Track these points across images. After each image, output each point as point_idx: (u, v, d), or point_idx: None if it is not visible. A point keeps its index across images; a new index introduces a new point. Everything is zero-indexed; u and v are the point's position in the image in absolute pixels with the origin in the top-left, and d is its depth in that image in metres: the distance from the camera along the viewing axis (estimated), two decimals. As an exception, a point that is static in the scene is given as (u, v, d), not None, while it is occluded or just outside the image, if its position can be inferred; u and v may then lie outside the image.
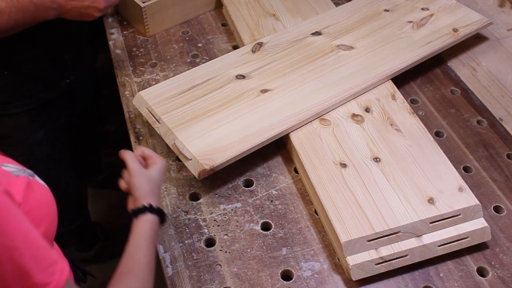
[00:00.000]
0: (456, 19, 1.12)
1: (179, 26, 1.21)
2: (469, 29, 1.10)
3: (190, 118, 0.91)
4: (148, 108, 0.93)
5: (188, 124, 0.90)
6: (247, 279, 0.77)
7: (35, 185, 0.64)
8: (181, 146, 0.86)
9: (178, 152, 0.87)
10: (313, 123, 0.93)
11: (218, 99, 0.94)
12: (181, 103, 0.94)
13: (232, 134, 0.88)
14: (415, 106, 1.03)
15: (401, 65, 1.01)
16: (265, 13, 1.17)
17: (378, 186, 0.83)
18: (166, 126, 0.90)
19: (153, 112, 0.92)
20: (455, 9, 1.15)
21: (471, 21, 1.12)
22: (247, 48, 1.05)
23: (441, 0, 1.17)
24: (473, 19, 1.12)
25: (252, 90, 0.96)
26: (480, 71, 1.10)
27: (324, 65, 1.01)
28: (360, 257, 0.76)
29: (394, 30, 1.09)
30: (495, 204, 0.87)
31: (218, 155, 0.85)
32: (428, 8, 1.15)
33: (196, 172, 0.84)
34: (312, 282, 0.77)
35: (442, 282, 0.77)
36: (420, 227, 0.78)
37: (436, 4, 1.16)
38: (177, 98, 0.94)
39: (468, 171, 0.92)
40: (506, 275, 0.78)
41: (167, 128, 0.89)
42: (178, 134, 0.88)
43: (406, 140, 0.89)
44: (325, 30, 1.09)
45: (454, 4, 1.16)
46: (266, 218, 0.85)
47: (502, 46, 1.15)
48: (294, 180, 0.90)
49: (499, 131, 0.98)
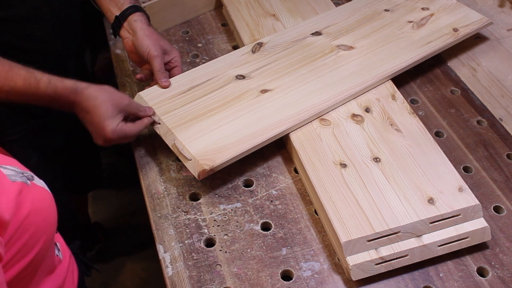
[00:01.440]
0: (456, 19, 1.12)
1: (179, 26, 1.21)
2: (469, 28, 1.10)
3: (190, 118, 0.91)
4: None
5: (188, 124, 0.90)
6: (247, 279, 0.77)
7: (32, 189, 0.63)
8: (181, 147, 0.86)
9: (178, 153, 0.87)
10: (313, 123, 0.93)
11: (218, 99, 0.94)
12: (181, 103, 0.94)
13: (232, 135, 0.88)
14: (415, 106, 1.03)
15: (401, 65, 1.01)
16: (265, 13, 1.17)
17: (378, 186, 0.83)
18: (166, 127, 0.90)
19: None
20: (455, 9, 1.15)
21: (471, 21, 1.12)
22: (247, 48, 1.05)
23: (441, 0, 1.17)
24: (473, 18, 1.12)
25: (252, 91, 0.96)
26: (480, 71, 1.10)
27: (324, 65, 1.01)
28: (360, 257, 0.76)
29: (394, 30, 1.09)
30: (495, 204, 0.87)
31: (218, 156, 0.85)
32: (428, 8, 1.15)
33: (196, 173, 0.84)
34: (312, 282, 0.77)
35: (442, 282, 0.77)
36: (420, 227, 0.78)
37: (436, 4, 1.16)
38: (177, 99, 0.94)
39: (468, 171, 0.92)
40: (506, 275, 0.78)
41: (167, 129, 0.89)
42: (178, 134, 0.88)
43: (406, 140, 0.89)
44: (325, 30, 1.09)
45: (454, 4, 1.16)
46: (266, 218, 0.85)
47: (502, 46, 1.15)
48: (294, 180, 0.90)
49: (499, 131, 0.98)
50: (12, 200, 0.58)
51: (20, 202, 0.59)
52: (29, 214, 0.59)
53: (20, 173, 0.63)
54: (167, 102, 0.93)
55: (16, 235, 0.58)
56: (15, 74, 0.81)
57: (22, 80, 0.81)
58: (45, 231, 0.63)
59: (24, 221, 0.58)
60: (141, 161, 0.93)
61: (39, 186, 0.65)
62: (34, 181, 0.65)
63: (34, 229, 0.60)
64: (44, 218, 0.63)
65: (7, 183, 0.59)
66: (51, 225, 0.65)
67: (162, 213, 0.85)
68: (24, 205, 0.59)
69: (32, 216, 0.60)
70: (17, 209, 0.58)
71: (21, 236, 0.58)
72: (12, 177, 0.60)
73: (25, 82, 0.81)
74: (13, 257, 0.58)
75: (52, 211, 0.66)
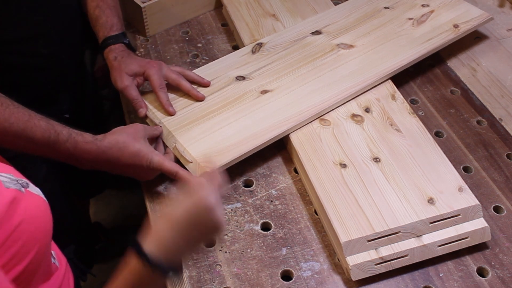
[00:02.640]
0: (456, 15, 1.12)
1: (179, 26, 1.21)
2: (470, 24, 1.10)
3: (191, 120, 0.91)
4: (149, 111, 0.93)
5: (189, 126, 0.90)
6: (247, 279, 0.77)
7: (27, 197, 0.62)
8: (182, 149, 0.86)
9: (179, 155, 0.87)
10: (313, 123, 0.93)
11: (219, 101, 0.94)
12: (182, 105, 0.94)
13: (232, 136, 0.88)
14: (415, 106, 1.03)
15: (401, 62, 1.01)
16: (265, 13, 1.17)
17: (378, 186, 0.83)
18: (166, 129, 0.90)
19: (154, 116, 0.92)
20: (455, 5, 1.14)
21: (472, 17, 1.11)
22: (247, 49, 1.05)
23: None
24: (474, 14, 1.12)
25: (252, 91, 0.96)
26: (480, 71, 1.10)
27: (324, 64, 1.01)
28: (360, 257, 0.76)
29: (395, 27, 1.09)
30: (495, 204, 0.87)
31: (219, 158, 0.85)
32: (428, 4, 1.15)
33: (197, 175, 0.84)
34: (312, 282, 0.77)
35: (442, 282, 0.77)
36: (420, 227, 0.78)
37: (436, 0, 1.15)
38: (178, 101, 0.95)
39: (468, 171, 0.92)
40: (506, 275, 0.78)
41: (168, 131, 0.89)
42: (179, 137, 0.88)
43: (406, 140, 0.89)
44: (324, 29, 1.09)
45: (454, 0, 1.15)
46: (266, 218, 0.85)
47: (502, 46, 1.15)
48: (294, 180, 0.90)
49: (499, 131, 0.98)
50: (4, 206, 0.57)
51: (12, 209, 0.58)
52: (22, 221, 0.58)
53: (14, 181, 0.62)
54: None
55: (7, 242, 0.57)
56: (35, 125, 0.77)
57: (41, 132, 0.77)
58: (39, 240, 0.62)
59: (16, 228, 0.57)
60: (141, 161, 0.93)
61: (34, 193, 0.64)
62: (29, 188, 0.63)
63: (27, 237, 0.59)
64: (37, 226, 0.62)
65: (1, 189, 0.58)
66: (46, 233, 0.64)
67: (162, 213, 0.85)
68: (17, 212, 0.58)
69: (25, 224, 0.59)
70: (8, 216, 0.57)
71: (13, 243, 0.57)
72: (6, 184, 0.60)
73: (44, 134, 0.77)
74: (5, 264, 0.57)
75: (47, 219, 0.64)
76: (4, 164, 0.64)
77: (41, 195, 0.65)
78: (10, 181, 0.61)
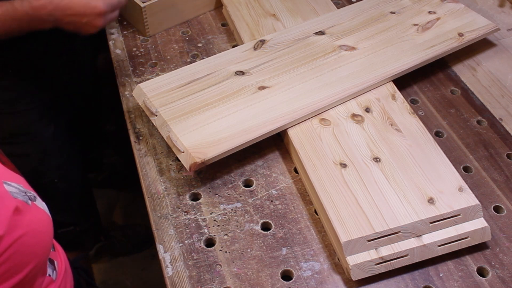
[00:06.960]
0: (462, 23, 1.11)
1: (179, 26, 1.21)
2: (475, 34, 1.09)
3: (187, 111, 0.91)
4: (146, 100, 0.93)
5: (184, 117, 0.90)
6: (247, 279, 0.77)
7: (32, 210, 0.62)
8: (175, 139, 0.87)
9: (172, 145, 0.87)
10: (313, 123, 0.93)
11: (216, 94, 0.95)
12: (179, 96, 0.94)
13: (226, 129, 0.88)
14: (415, 106, 1.03)
15: (402, 67, 1.01)
16: (265, 13, 1.17)
17: (378, 186, 0.83)
18: (162, 119, 0.90)
19: (151, 104, 0.93)
20: (462, 14, 1.14)
21: (477, 26, 1.11)
22: (249, 44, 1.05)
23: (449, 4, 1.16)
24: (480, 24, 1.11)
25: (250, 87, 0.96)
26: (480, 71, 1.10)
27: (324, 64, 1.01)
28: (360, 257, 0.76)
29: (399, 32, 1.09)
30: (495, 204, 0.87)
31: (210, 149, 0.85)
32: (435, 11, 1.14)
33: (188, 165, 0.85)
34: (312, 282, 0.77)
35: (442, 282, 0.77)
36: (420, 227, 0.78)
37: (443, 8, 1.15)
38: (176, 92, 0.95)
39: (468, 171, 0.92)
40: (506, 275, 0.78)
41: (163, 121, 0.90)
42: (173, 126, 0.89)
43: (406, 140, 0.89)
44: (328, 30, 1.09)
45: (462, 9, 1.15)
46: (266, 218, 0.85)
47: (502, 46, 1.15)
48: (294, 180, 0.90)
49: (499, 131, 0.98)
50: (9, 216, 0.57)
51: (16, 220, 0.58)
52: (24, 234, 0.58)
53: (23, 192, 0.62)
54: (165, 94, 0.94)
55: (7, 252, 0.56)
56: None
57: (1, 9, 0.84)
58: (37, 254, 0.62)
59: (17, 240, 0.57)
60: (141, 161, 0.93)
61: (40, 208, 0.64)
62: (36, 202, 0.64)
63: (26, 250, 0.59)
64: (38, 241, 0.62)
65: (8, 199, 0.58)
66: (45, 249, 0.64)
67: (162, 213, 0.85)
68: (21, 224, 0.58)
69: (26, 236, 0.59)
70: (12, 227, 0.57)
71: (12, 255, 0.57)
72: (14, 194, 0.60)
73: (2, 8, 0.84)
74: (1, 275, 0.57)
75: (48, 235, 0.64)
76: (15, 174, 0.64)
77: (46, 210, 0.65)
78: (18, 192, 0.61)
